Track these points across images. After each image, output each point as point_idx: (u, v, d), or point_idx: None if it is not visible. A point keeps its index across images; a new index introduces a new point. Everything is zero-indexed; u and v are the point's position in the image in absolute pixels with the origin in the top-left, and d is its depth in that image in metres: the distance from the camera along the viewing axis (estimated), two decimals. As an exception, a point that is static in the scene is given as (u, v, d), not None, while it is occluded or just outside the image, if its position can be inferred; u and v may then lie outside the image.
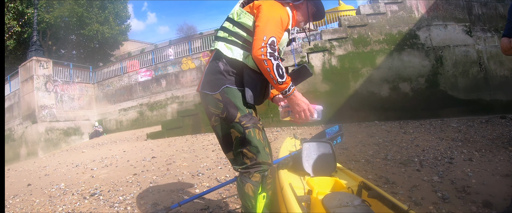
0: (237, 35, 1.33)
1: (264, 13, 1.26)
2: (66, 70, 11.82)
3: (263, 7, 1.29)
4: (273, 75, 1.20)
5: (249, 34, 1.31)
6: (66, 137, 10.77)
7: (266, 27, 1.22)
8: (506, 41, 1.63)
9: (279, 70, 1.20)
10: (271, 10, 1.28)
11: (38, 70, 10.45)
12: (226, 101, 1.29)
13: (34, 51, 10.84)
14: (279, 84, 1.23)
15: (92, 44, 14.48)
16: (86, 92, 12.35)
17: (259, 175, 1.32)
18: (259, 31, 1.23)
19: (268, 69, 1.19)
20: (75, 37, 15.03)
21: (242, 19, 1.34)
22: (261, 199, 1.36)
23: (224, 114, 1.29)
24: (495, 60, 6.84)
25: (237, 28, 1.34)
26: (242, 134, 1.29)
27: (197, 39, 12.75)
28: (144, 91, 11.83)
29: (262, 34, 1.21)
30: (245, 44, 1.32)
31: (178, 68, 11.46)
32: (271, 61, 1.18)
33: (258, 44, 1.20)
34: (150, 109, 11.53)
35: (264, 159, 1.32)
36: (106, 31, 14.02)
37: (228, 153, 1.40)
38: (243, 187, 1.32)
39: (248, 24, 1.32)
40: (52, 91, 10.75)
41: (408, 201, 2.13)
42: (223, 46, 1.34)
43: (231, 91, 1.30)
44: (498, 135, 4.28)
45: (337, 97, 6.37)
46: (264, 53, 1.18)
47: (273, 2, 1.33)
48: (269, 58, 1.18)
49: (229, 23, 1.38)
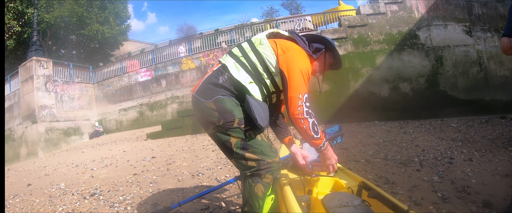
0: (250, 60, 1.33)
1: (296, 67, 1.25)
2: (66, 70, 11.81)
3: (293, 57, 1.28)
4: (309, 133, 1.22)
5: (261, 65, 1.31)
6: (66, 137, 10.77)
7: (300, 84, 1.22)
8: (506, 41, 1.63)
9: (314, 128, 1.22)
10: (301, 62, 1.27)
11: (38, 70, 10.45)
12: (220, 109, 1.28)
13: (34, 51, 10.83)
14: (314, 140, 1.24)
15: (92, 44, 14.47)
16: (86, 92, 12.34)
17: (271, 176, 1.32)
18: (294, 88, 1.22)
19: (305, 127, 1.21)
20: (75, 37, 15.03)
21: (262, 49, 1.33)
22: (269, 201, 1.37)
23: (220, 121, 1.29)
24: (495, 60, 6.84)
25: (253, 54, 1.34)
26: (243, 137, 1.30)
27: (197, 39, 12.75)
28: (144, 91, 11.83)
29: (298, 92, 1.21)
30: (253, 71, 1.32)
31: (178, 68, 11.46)
32: (307, 120, 1.21)
33: (295, 103, 1.20)
34: (150, 109, 11.53)
35: (272, 157, 1.33)
36: (106, 31, 14.02)
37: (231, 159, 1.39)
38: (253, 187, 1.31)
39: (265, 56, 1.32)
40: (52, 91, 10.75)
41: (408, 201, 2.13)
42: (233, 64, 1.34)
43: (224, 100, 1.30)
44: (498, 135, 4.28)
45: (337, 97, 6.37)
46: (301, 112, 1.20)
47: (300, 52, 1.32)
48: (306, 116, 1.20)
49: (248, 45, 1.38)
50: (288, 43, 1.35)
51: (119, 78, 12.36)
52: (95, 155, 6.09)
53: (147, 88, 11.79)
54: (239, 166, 1.37)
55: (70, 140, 10.86)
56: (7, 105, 11.75)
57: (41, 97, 10.34)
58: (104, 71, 12.99)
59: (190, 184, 3.03)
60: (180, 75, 11.37)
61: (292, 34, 1.41)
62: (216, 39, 11.98)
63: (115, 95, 12.28)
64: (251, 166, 1.31)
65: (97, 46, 15.00)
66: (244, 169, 1.34)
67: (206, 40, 11.70)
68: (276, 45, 1.33)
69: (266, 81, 1.32)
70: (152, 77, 11.78)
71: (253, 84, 1.30)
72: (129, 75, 12.25)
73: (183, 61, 11.44)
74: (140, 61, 12.45)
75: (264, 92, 1.33)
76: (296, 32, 1.42)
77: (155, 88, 11.64)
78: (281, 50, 1.30)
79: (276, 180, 1.37)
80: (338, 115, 6.09)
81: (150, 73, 11.85)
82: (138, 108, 11.75)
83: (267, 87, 1.33)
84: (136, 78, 12.06)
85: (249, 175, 1.33)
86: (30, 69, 10.52)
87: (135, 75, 12.12)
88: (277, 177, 1.37)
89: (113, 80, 12.45)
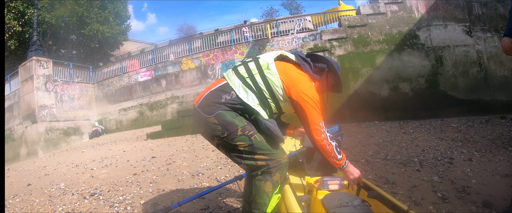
0: (256, 83, 1.37)
1: (310, 100, 1.32)
2: (66, 70, 11.81)
3: (304, 90, 1.33)
4: (334, 155, 1.35)
5: (267, 89, 1.37)
6: (66, 137, 10.76)
7: (317, 115, 1.33)
8: (507, 41, 1.63)
9: (337, 149, 1.36)
10: (312, 93, 1.34)
11: (38, 70, 10.44)
12: (222, 123, 1.34)
13: (34, 51, 10.83)
14: (338, 161, 1.36)
15: (92, 44, 14.46)
16: (86, 92, 12.34)
17: (280, 174, 1.37)
18: (314, 119, 1.32)
19: (330, 151, 1.34)
20: (75, 37, 15.02)
21: (269, 75, 1.37)
22: (275, 199, 1.39)
23: (224, 133, 1.34)
24: (495, 60, 6.84)
25: (259, 78, 1.38)
26: (250, 142, 1.34)
27: (197, 39, 12.74)
28: (144, 91, 11.83)
29: (318, 121, 1.32)
30: (258, 94, 1.37)
31: (178, 68, 11.46)
32: (331, 144, 1.34)
33: (318, 133, 1.32)
34: (150, 109, 11.53)
35: (280, 156, 1.38)
36: (106, 31, 14.00)
37: (240, 164, 1.42)
38: (262, 184, 1.35)
39: (272, 84, 1.37)
40: (52, 91, 10.74)
41: (408, 201, 2.13)
42: (240, 86, 1.38)
43: (224, 114, 1.35)
44: (498, 135, 4.28)
45: (337, 97, 6.36)
46: (325, 138, 1.32)
47: (308, 82, 1.38)
48: (330, 142, 1.33)
49: (255, 67, 1.40)
50: (295, 73, 1.39)
51: (119, 78, 12.36)
52: (95, 155, 6.09)
53: (147, 88, 11.79)
54: (249, 168, 1.41)
55: (70, 139, 10.86)
56: (7, 105, 11.74)
57: (41, 97, 10.33)
58: (104, 71, 12.99)
59: (190, 184, 3.03)
60: (180, 75, 11.37)
61: (298, 58, 1.45)
62: (216, 39, 11.98)
63: (115, 95, 12.28)
64: (261, 165, 1.36)
65: (97, 46, 14.98)
66: (255, 170, 1.38)
67: (206, 40, 11.70)
68: (284, 75, 1.37)
69: (271, 104, 1.39)
70: (152, 77, 11.78)
71: (259, 106, 1.37)
72: (129, 75, 12.25)
73: (183, 61, 11.44)
74: (140, 61, 12.45)
75: (268, 113, 1.40)
76: (301, 55, 1.46)
77: (155, 88, 11.64)
78: (291, 82, 1.35)
79: (285, 179, 1.42)
80: (338, 115, 6.08)
81: (150, 73, 11.85)
82: (138, 107, 11.75)
83: (270, 109, 1.40)
84: (136, 78, 12.06)
85: (260, 173, 1.37)
86: (30, 69, 10.52)
87: (135, 75, 12.12)
88: (286, 176, 1.41)
89: (113, 80, 12.45)
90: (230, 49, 11.14)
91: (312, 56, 1.49)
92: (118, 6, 15.12)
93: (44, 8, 12.84)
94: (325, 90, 1.52)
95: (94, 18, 13.60)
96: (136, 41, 23.05)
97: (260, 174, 1.36)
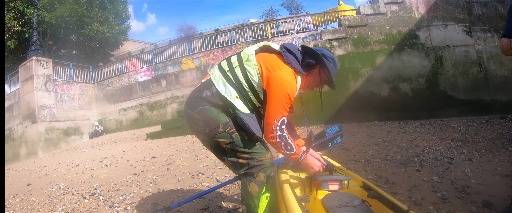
0: (236, 76, 1.34)
1: (276, 92, 1.26)
2: (66, 70, 11.80)
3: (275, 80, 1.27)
4: (283, 152, 1.33)
5: (246, 81, 1.33)
6: (66, 137, 10.76)
7: (276, 110, 1.26)
8: (506, 41, 1.63)
9: (287, 147, 1.31)
10: (283, 85, 1.26)
11: (38, 70, 10.44)
12: (204, 118, 1.34)
13: (34, 51, 10.83)
14: (291, 156, 1.35)
15: (92, 44, 14.46)
16: (86, 92, 12.34)
17: (263, 174, 1.35)
18: (270, 114, 1.27)
19: (278, 147, 1.32)
20: (75, 37, 15.02)
21: (248, 66, 1.33)
22: (264, 199, 1.38)
23: (206, 129, 1.35)
24: (495, 61, 6.84)
25: (239, 70, 1.35)
26: (231, 139, 1.33)
27: (197, 39, 12.74)
28: (144, 91, 11.82)
29: (273, 118, 1.26)
30: (238, 86, 1.33)
31: (178, 68, 11.46)
32: (280, 143, 1.30)
33: (269, 129, 1.28)
34: (150, 109, 11.53)
35: (262, 155, 1.36)
36: (106, 31, 14.01)
37: (224, 161, 1.43)
38: (247, 186, 1.35)
39: (249, 74, 1.32)
40: (52, 91, 10.74)
41: (408, 201, 2.13)
42: (219, 79, 1.36)
43: (207, 110, 1.35)
44: (498, 135, 4.28)
45: (337, 97, 6.36)
46: (274, 136, 1.28)
47: (286, 72, 1.29)
48: (278, 140, 1.29)
49: (236, 60, 1.38)
50: (275, 62, 1.31)
51: (119, 78, 12.35)
52: (95, 154, 6.09)
53: (147, 88, 11.78)
54: (232, 167, 1.42)
55: (70, 139, 10.86)
56: (7, 105, 11.74)
57: (41, 97, 10.33)
58: (104, 71, 12.98)
59: (190, 184, 3.03)
60: (180, 75, 11.36)
61: (282, 49, 1.36)
62: (216, 39, 11.98)
63: (115, 95, 12.28)
64: (243, 163, 1.35)
65: (97, 46, 14.98)
66: (237, 169, 1.39)
67: (206, 40, 11.70)
68: (262, 64, 1.31)
69: (251, 96, 1.34)
70: (152, 77, 11.78)
71: (238, 99, 1.33)
72: (129, 75, 12.24)
73: (183, 61, 11.44)
74: (140, 61, 12.45)
75: (250, 106, 1.35)
76: (286, 47, 1.36)
77: (155, 88, 11.64)
78: (266, 69, 1.29)
79: (270, 178, 1.38)
80: (338, 115, 6.09)
81: (150, 73, 11.85)
82: (138, 107, 11.74)
83: (252, 102, 1.35)
84: (136, 78, 12.06)
85: (243, 174, 1.37)
86: (30, 69, 10.52)
87: (135, 75, 12.11)
88: (271, 174, 1.38)
89: (113, 80, 12.44)
90: (230, 49, 11.14)
91: (305, 49, 1.41)
92: (118, 6, 15.13)
93: (44, 8, 12.84)
94: (318, 84, 1.45)
95: (94, 18, 13.60)
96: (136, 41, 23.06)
97: (243, 175, 1.36)
